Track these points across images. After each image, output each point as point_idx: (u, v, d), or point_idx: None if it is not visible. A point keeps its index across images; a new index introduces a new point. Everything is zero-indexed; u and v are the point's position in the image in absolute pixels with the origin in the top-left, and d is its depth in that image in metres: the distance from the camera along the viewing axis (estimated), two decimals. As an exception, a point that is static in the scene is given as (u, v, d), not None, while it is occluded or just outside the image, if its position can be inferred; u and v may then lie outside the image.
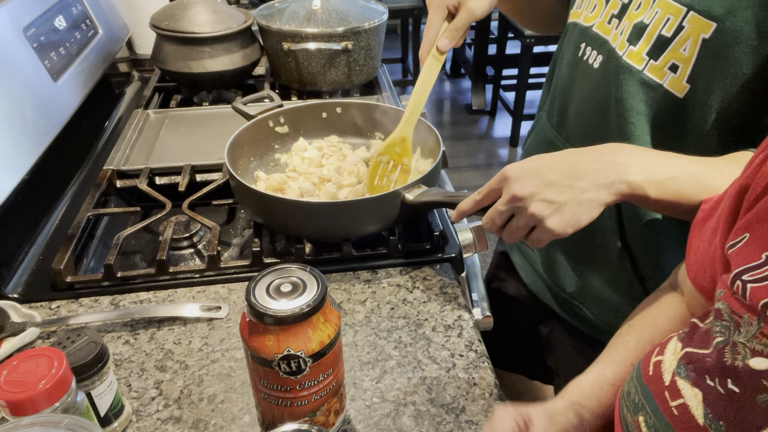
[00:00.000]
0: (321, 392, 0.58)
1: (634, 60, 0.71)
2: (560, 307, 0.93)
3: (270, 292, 0.56)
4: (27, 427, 0.43)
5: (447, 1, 0.82)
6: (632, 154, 0.64)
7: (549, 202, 0.63)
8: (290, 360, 0.54)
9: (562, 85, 0.85)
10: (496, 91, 3.60)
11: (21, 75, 0.95)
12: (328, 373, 0.58)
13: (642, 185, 0.61)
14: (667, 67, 0.67)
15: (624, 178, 0.62)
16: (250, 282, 0.56)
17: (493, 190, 0.69)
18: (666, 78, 0.68)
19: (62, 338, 0.63)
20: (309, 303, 0.54)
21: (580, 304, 0.89)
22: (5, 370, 0.52)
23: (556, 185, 0.63)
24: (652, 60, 0.69)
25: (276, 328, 0.54)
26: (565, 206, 0.63)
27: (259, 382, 0.57)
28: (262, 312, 0.53)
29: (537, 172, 0.64)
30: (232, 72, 1.30)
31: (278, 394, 0.57)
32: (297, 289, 0.56)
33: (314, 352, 0.55)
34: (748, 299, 0.38)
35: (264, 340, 0.54)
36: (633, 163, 0.62)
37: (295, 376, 0.55)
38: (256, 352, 0.55)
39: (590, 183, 0.62)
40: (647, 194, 0.62)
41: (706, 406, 0.39)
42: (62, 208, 1.01)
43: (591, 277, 0.86)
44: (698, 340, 0.43)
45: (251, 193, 0.84)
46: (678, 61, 0.66)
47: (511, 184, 0.65)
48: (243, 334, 0.56)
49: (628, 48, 0.72)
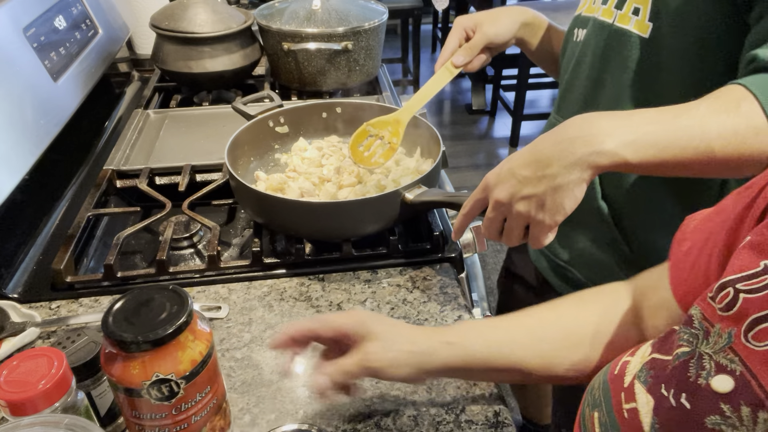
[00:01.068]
0: (200, 412, 0.55)
1: (606, 16, 0.77)
2: (555, 275, 0.95)
3: (129, 317, 0.53)
4: (27, 427, 0.43)
5: (465, 24, 0.91)
6: (596, 121, 0.61)
7: (528, 198, 0.63)
8: (161, 385, 0.51)
9: (562, 74, 0.90)
10: (496, 91, 3.60)
11: (21, 75, 0.95)
12: (206, 391, 0.55)
13: (615, 151, 0.58)
14: (631, 12, 0.73)
15: (595, 149, 0.59)
16: (105, 312, 0.53)
17: (478, 200, 0.69)
18: (631, 22, 0.73)
19: (62, 338, 0.63)
20: (173, 323, 0.51)
21: (572, 268, 0.91)
22: (5, 370, 0.52)
23: (529, 180, 0.62)
24: (618, 11, 0.75)
25: (140, 354, 0.51)
26: (545, 198, 0.62)
27: (131, 414, 0.54)
28: (122, 339, 0.50)
29: (510, 172, 0.64)
30: (232, 72, 1.30)
31: (154, 423, 0.53)
32: (160, 311, 0.53)
33: (186, 372, 0.52)
34: (736, 309, 0.35)
35: (128, 369, 0.51)
36: (599, 131, 0.59)
37: (169, 401, 0.52)
38: (121, 383, 0.52)
39: (558, 167, 0.60)
40: (626, 159, 0.58)
41: (655, 416, 0.38)
42: (62, 208, 1.01)
43: (578, 239, 0.88)
44: (666, 347, 0.41)
45: (251, 193, 0.84)
46: (638, 4, 0.72)
47: (492, 191, 0.66)
48: (104, 367, 0.53)
49: (600, 8, 0.79)
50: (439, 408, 0.67)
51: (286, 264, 0.87)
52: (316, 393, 0.58)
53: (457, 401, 0.67)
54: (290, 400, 0.68)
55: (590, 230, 0.86)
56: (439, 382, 0.70)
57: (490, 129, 3.61)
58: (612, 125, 0.59)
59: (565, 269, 0.93)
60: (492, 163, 3.25)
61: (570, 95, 0.86)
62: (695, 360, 0.36)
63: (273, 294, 0.83)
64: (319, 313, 0.79)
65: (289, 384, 0.70)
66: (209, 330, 0.57)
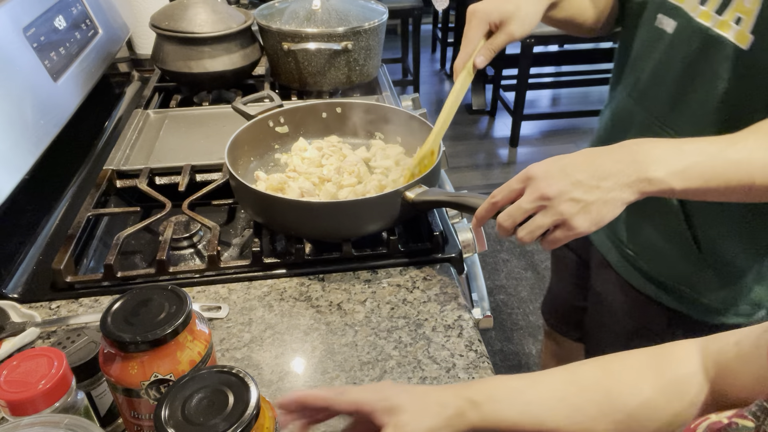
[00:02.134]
0: None
1: (704, 18, 0.74)
2: (617, 255, 0.94)
3: (128, 317, 0.52)
4: (27, 427, 0.43)
5: (491, 17, 0.82)
6: (650, 149, 0.65)
7: (576, 200, 0.64)
8: (159, 385, 0.51)
9: (639, 60, 0.87)
10: (496, 91, 3.60)
11: (21, 75, 0.95)
12: None
13: (664, 179, 0.63)
14: (733, 21, 0.70)
15: (645, 176, 0.63)
16: (104, 312, 0.53)
17: (514, 191, 0.68)
18: (731, 31, 0.70)
19: (62, 338, 0.63)
20: (171, 323, 0.51)
21: (636, 255, 0.91)
22: (5, 370, 0.52)
23: (582, 184, 0.64)
24: (718, 16, 0.72)
25: (139, 355, 0.51)
26: (592, 205, 0.64)
27: (130, 415, 0.54)
28: (120, 339, 0.50)
29: (564, 171, 0.65)
30: (232, 72, 1.30)
31: (153, 424, 0.53)
32: (158, 311, 0.53)
33: (185, 372, 0.52)
34: None
35: (127, 369, 0.51)
36: (652, 159, 0.63)
37: None
38: (119, 383, 0.52)
39: (615, 183, 0.64)
40: (671, 186, 0.63)
41: None
42: (62, 208, 1.01)
43: (646, 228, 0.88)
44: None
45: (252, 193, 0.84)
46: (742, 13, 0.69)
47: (538, 183, 0.66)
48: (102, 368, 0.53)
49: (699, 9, 0.75)
50: (439, 408, 0.67)
51: (286, 264, 0.87)
52: None
53: (457, 401, 0.67)
54: (290, 400, 0.68)
55: (660, 223, 0.86)
56: (439, 381, 0.70)
57: (490, 129, 3.61)
58: (664, 154, 0.64)
59: (630, 257, 0.92)
60: (492, 163, 3.25)
61: (655, 90, 0.83)
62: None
63: (273, 294, 0.83)
64: (319, 313, 0.79)
65: (289, 384, 0.70)
66: (208, 330, 0.57)
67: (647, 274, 0.90)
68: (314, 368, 0.72)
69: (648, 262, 0.90)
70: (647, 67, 0.85)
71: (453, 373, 0.71)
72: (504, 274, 2.42)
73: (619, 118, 0.93)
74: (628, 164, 0.64)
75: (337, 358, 0.73)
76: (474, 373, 0.71)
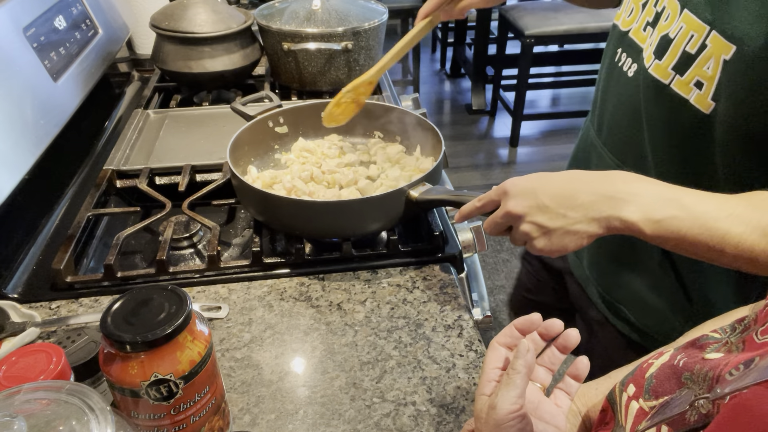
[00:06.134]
0: (199, 413, 0.56)
1: (660, 74, 0.70)
2: (603, 304, 0.91)
3: (127, 317, 0.52)
4: (30, 392, 0.43)
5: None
6: (634, 188, 0.61)
7: (539, 225, 0.64)
8: (159, 385, 0.51)
9: (602, 90, 0.85)
10: (496, 91, 3.60)
11: (21, 75, 0.95)
12: (205, 391, 0.55)
13: (637, 223, 0.60)
14: (693, 84, 0.66)
15: (618, 215, 0.60)
16: (104, 312, 0.53)
17: (492, 201, 0.70)
18: (692, 94, 0.66)
19: (62, 338, 0.63)
20: (171, 323, 0.51)
21: (623, 306, 0.87)
22: (4, 365, 0.53)
23: (548, 210, 0.63)
24: (678, 75, 0.68)
25: (138, 355, 0.51)
26: (553, 233, 0.64)
27: (130, 415, 0.54)
28: (120, 339, 0.50)
29: (533, 193, 0.65)
30: (232, 72, 1.30)
31: (153, 423, 0.53)
32: (158, 311, 0.53)
33: (185, 373, 0.52)
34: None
35: (127, 369, 0.51)
36: (632, 199, 0.60)
37: (167, 401, 0.52)
38: (119, 383, 0.52)
39: (582, 215, 0.62)
40: (642, 231, 0.60)
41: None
42: (62, 208, 1.01)
43: (633, 281, 0.84)
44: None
45: (254, 193, 0.84)
46: (702, 78, 0.65)
47: (508, 200, 0.67)
48: (102, 368, 0.53)
49: (653, 61, 0.71)
50: (439, 408, 0.67)
51: (286, 264, 0.87)
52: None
53: (457, 401, 0.67)
54: (290, 400, 0.68)
55: (648, 275, 0.82)
56: (439, 381, 0.70)
57: (490, 129, 3.61)
58: (645, 200, 0.60)
59: (616, 306, 0.88)
60: (492, 163, 3.25)
61: (613, 129, 0.81)
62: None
63: (273, 294, 0.83)
64: (319, 313, 0.79)
65: (289, 384, 0.70)
66: (208, 330, 0.57)
67: (634, 325, 0.86)
68: (314, 368, 0.72)
69: (634, 314, 0.85)
70: (608, 104, 0.82)
71: (453, 373, 0.71)
72: (504, 274, 2.43)
73: (583, 146, 0.92)
74: (603, 199, 0.61)
75: (337, 358, 0.73)
76: (474, 373, 0.71)
